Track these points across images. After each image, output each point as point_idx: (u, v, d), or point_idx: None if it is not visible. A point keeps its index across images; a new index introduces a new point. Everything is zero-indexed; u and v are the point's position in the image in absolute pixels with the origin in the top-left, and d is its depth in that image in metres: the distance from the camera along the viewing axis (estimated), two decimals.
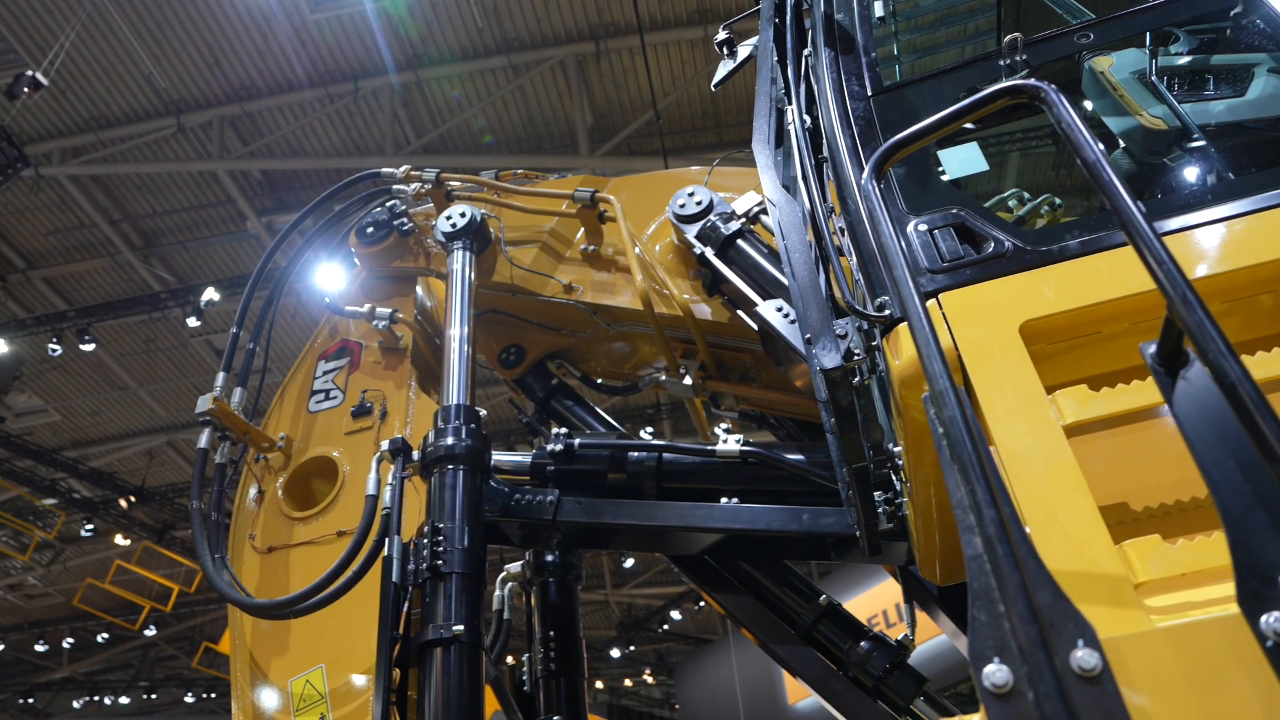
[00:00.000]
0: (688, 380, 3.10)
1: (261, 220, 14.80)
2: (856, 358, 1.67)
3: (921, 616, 2.65)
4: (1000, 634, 0.88)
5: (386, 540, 2.48)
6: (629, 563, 23.17)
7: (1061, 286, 1.48)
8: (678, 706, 28.15)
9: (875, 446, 1.85)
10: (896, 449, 1.77)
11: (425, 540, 2.48)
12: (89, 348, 15.53)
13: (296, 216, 3.89)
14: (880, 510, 2.04)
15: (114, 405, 19.46)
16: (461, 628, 2.31)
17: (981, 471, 0.93)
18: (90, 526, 20.04)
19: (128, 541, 20.90)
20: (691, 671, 26.61)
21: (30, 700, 28.89)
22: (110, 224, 15.16)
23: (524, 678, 3.17)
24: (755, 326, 2.84)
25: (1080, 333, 1.48)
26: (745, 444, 2.72)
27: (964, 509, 0.95)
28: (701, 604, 25.75)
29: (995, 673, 0.88)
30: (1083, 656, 0.86)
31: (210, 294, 14.44)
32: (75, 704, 28.35)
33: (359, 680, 2.58)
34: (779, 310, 2.61)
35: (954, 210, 1.66)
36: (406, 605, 2.44)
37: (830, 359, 1.66)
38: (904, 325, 1.52)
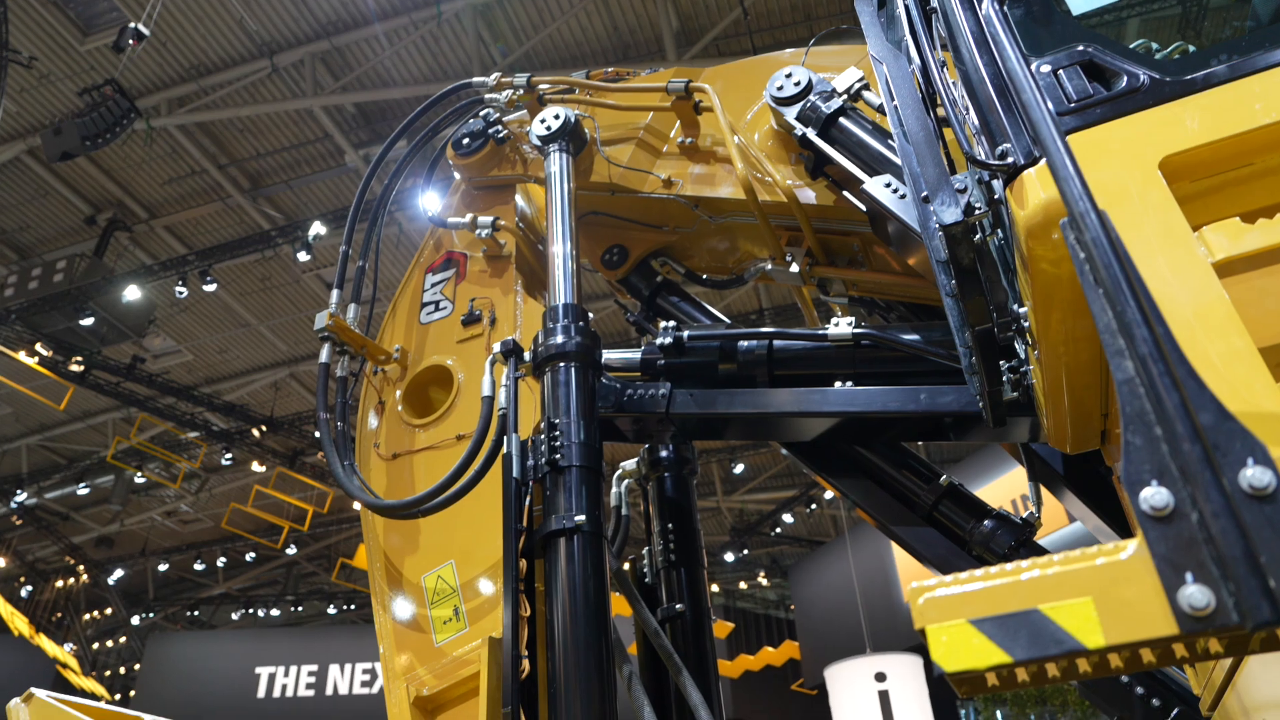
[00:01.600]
0: (794, 268, 3.03)
1: (359, 153, 15.09)
2: (978, 211, 1.58)
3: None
4: (1158, 456, 0.83)
5: (505, 438, 2.54)
6: (739, 469, 23.36)
7: (1206, 116, 1.35)
8: (793, 607, 28.63)
9: (999, 308, 1.76)
10: (1022, 309, 1.69)
11: (543, 436, 2.53)
12: (211, 288, 16.32)
13: (391, 135, 3.92)
14: (1005, 379, 1.96)
15: (239, 342, 20.49)
16: (583, 517, 2.37)
17: (1130, 291, 0.87)
18: (229, 456, 21.41)
19: (263, 468, 22.28)
20: (805, 573, 26.93)
21: (196, 613, 31.60)
22: (218, 169, 15.72)
23: (645, 570, 3.26)
24: (863, 207, 2.74)
25: (1229, 166, 1.36)
26: (858, 326, 2.66)
27: (1112, 333, 0.89)
28: (813, 507, 25.89)
29: (1154, 495, 0.83)
30: (1254, 475, 0.81)
31: (317, 228, 14.91)
32: (234, 615, 30.86)
33: (487, 573, 2.69)
34: (887, 186, 2.50)
35: (1080, 47, 1.53)
36: (528, 500, 2.51)
37: (950, 214, 1.57)
38: (1028, 174, 1.43)
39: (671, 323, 2.87)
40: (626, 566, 3.22)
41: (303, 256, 15.22)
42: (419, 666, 2.69)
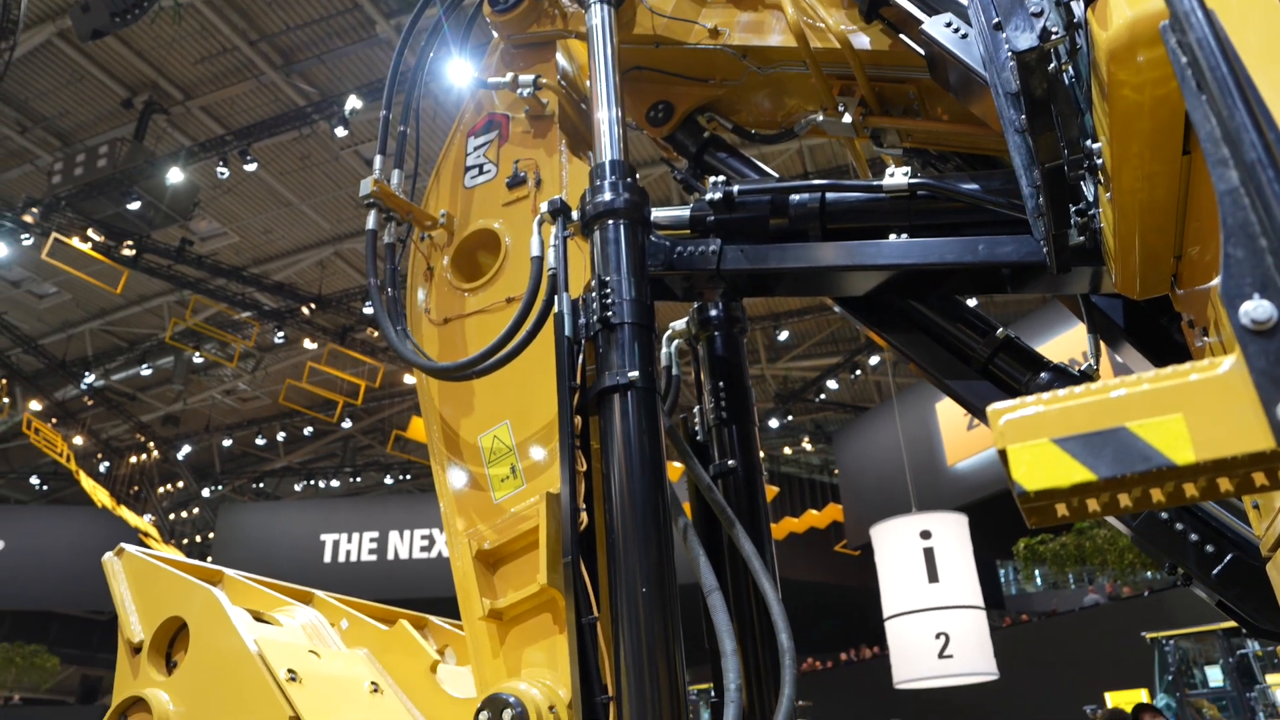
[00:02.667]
0: (846, 119, 2.92)
1: (390, 23, 14.70)
2: (1055, 36, 1.48)
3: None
4: (1262, 268, 0.79)
5: (555, 298, 2.54)
6: (783, 336, 23.39)
7: None
8: (836, 472, 29.16)
9: (1070, 145, 1.68)
10: (1095, 145, 1.61)
11: (593, 295, 2.52)
12: (251, 168, 16.33)
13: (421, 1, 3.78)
14: (1072, 222, 1.89)
15: (283, 223, 20.63)
16: (636, 373, 2.38)
17: (1240, 93, 0.80)
18: (281, 334, 21.89)
19: (315, 345, 22.80)
20: (849, 438, 27.31)
21: (261, 485, 33.13)
22: (249, 45, 15.44)
23: (696, 428, 3.30)
24: (920, 50, 2.60)
25: None
26: (914, 176, 2.57)
27: (1215, 141, 0.83)
28: (858, 373, 25.96)
29: (1255, 309, 0.80)
30: None
31: (353, 102, 14.70)
32: (296, 487, 32.31)
33: (542, 432, 2.74)
34: (948, 26, 2.37)
35: None
36: (581, 358, 2.52)
37: (1024, 39, 1.48)
38: None
39: (720, 178, 2.80)
40: (678, 427, 3.26)
41: (340, 132, 15.08)
42: (479, 523, 2.78)
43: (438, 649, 2.92)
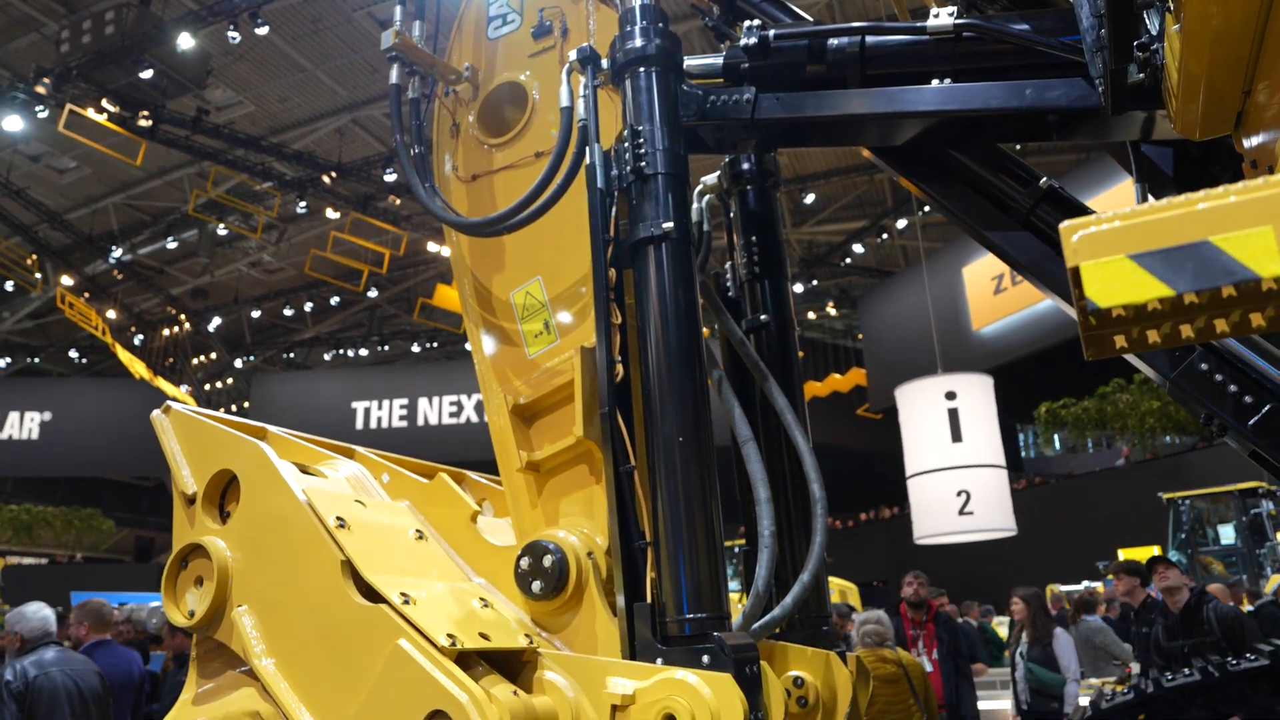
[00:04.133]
0: None
1: None
2: None
3: None
4: None
5: (586, 149, 2.48)
6: (809, 199, 23.00)
7: None
8: (860, 336, 29.20)
9: None
10: None
11: (625, 145, 2.46)
12: (262, 31, 15.87)
13: None
14: (1134, 57, 1.79)
15: (298, 90, 20.20)
16: (670, 224, 2.35)
17: None
18: (303, 204, 21.80)
19: (337, 214, 22.71)
20: (874, 303, 27.22)
21: (291, 355, 33.76)
22: None
23: (728, 284, 3.28)
24: None
25: None
26: (959, 16, 2.44)
27: None
28: (884, 237, 25.62)
29: None
30: None
31: None
32: (326, 357, 32.90)
33: (574, 287, 2.73)
34: None
35: None
36: (614, 211, 2.49)
37: None
38: None
39: (755, 22, 2.67)
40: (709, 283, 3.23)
41: None
42: (514, 379, 2.82)
43: (476, 502, 3.01)
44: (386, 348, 32.32)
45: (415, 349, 31.96)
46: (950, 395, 7.78)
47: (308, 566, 2.24)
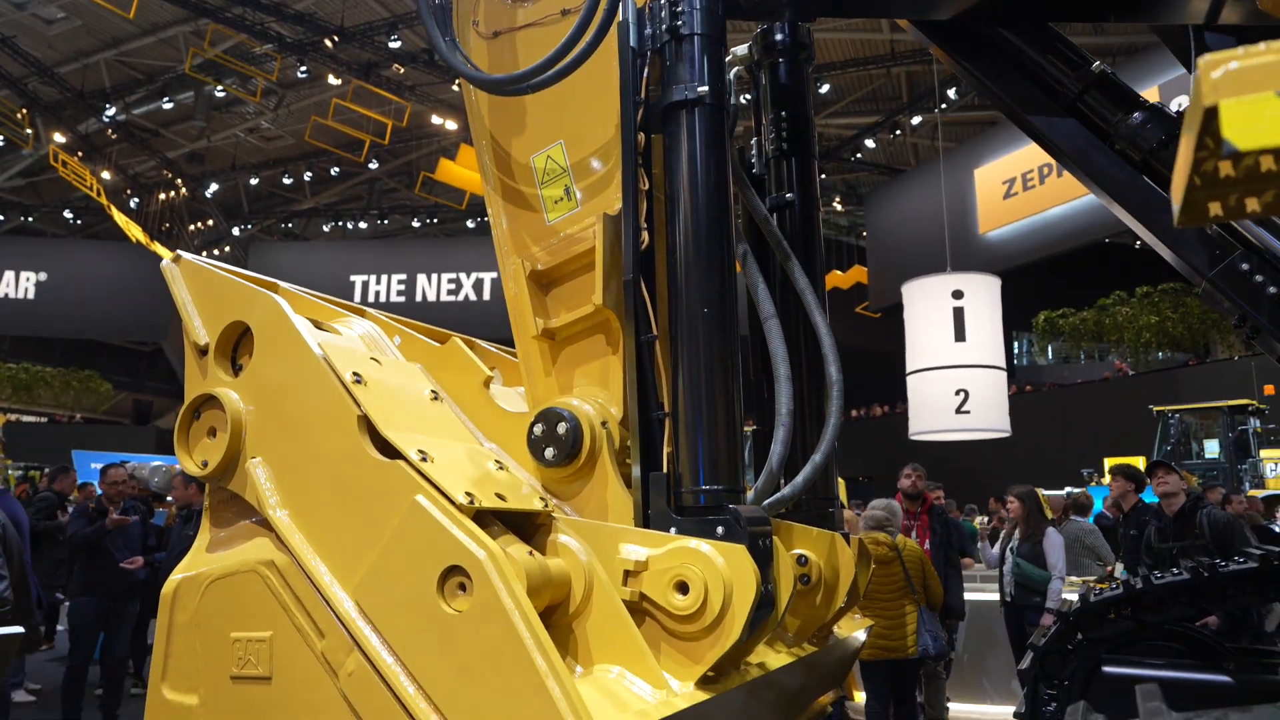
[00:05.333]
0: None
1: None
2: None
3: None
4: None
5: (619, 6, 2.35)
6: (824, 89, 22.37)
7: None
8: (865, 234, 28.90)
9: None
10: None
11: (661, 2, 2.33)
12: None
13: None
14: None
15: None
16: (706, 89, 2.24)
17: None
18: (304, 69, 21.08)
19: (339, 81, 22.01)
20: (882, 199, 26.84)
21: (289, 225, 33.38)
22: None
23: (753, 160, 3.17)
24: None
25: None
26: None
27: None
28: (897, 133, 25.05)
29: None
30: None
31: None
32: (324, 228, 32.54)
33: (598, 153, 2.63)
34: None
35: None
36: (645, 72, 2.37)
37: None
38: None
39: None
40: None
41: None
42: (531, 245, 2.74)
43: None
44: (386, 222, 31.94)
45: (415, 224, 31.59)
46: (957, 294, 7.72)
47: (323, 421, 2.22)
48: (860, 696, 5.53)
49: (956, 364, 7.58)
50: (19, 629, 1.80)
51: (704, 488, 2.22)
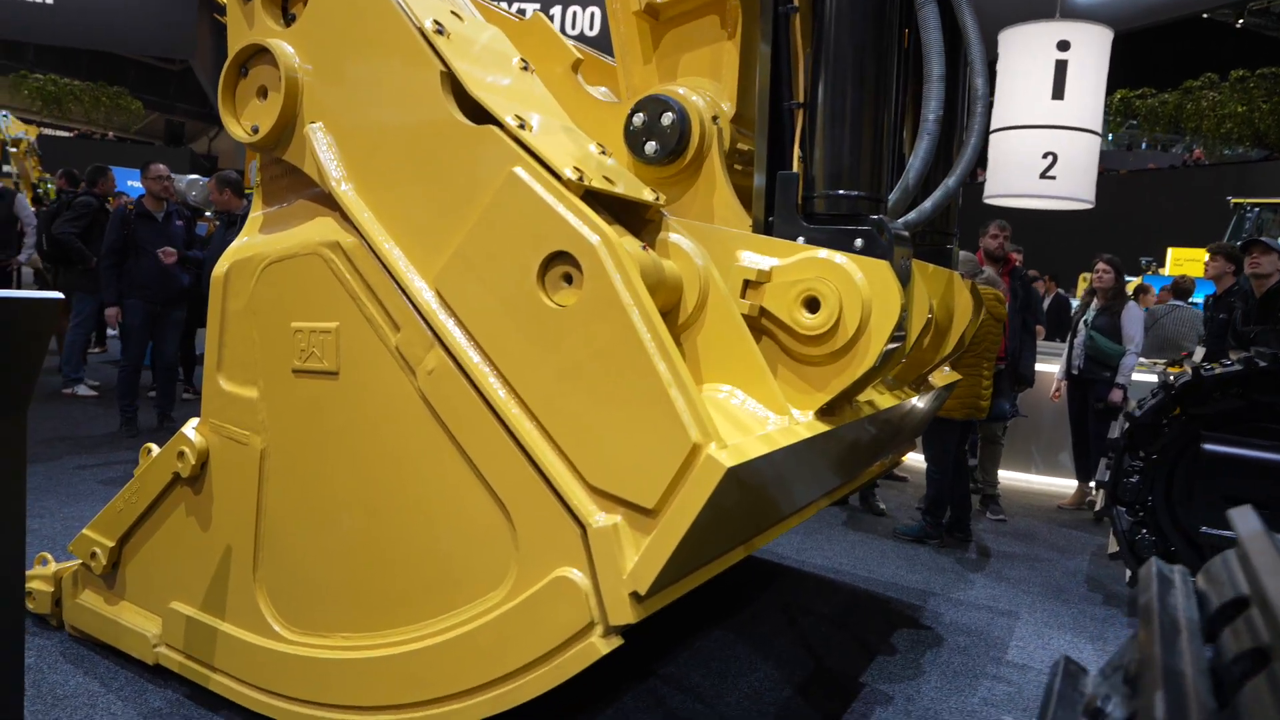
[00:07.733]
0: None
1: None
2: None
3: None
4: None
5: None
6: None
7: None
8: None
9: None
10: None
11: None
12: None
13: None
14: None
15: None
16: None
17: None
18: None
19: None
20: None
21: None
22: None
23: None
24: None
25: None
26: None
27: None
28: None
29: None
30: None
31: None
32: None
33: None
34: None
35: None
36: None
37: None
38: None
39: None
40: None
41: None
42: None
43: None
44: None
45: None
46: (1063, 45, 6.93)
47: (397, 77, 1.86)
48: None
49: (1049, 124, 6.94)
50: (58, 294, 1.55)
51: (842, 193, 1.88)
